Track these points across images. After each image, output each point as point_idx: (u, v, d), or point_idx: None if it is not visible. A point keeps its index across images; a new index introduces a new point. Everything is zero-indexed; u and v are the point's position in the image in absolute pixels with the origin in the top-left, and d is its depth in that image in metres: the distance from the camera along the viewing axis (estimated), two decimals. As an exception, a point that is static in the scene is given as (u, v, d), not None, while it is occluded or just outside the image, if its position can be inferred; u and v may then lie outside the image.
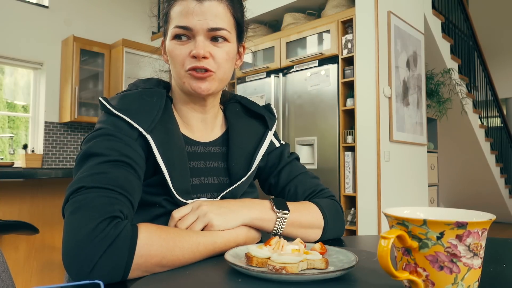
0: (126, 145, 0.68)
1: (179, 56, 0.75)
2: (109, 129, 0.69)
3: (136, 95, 0.76)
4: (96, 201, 0.58)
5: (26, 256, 2.02)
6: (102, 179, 0.61)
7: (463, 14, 5.26)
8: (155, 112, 0.74)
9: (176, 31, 0.75)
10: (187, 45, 0.75)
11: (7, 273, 0.68)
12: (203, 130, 0.85)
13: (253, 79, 3.76)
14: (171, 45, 0.76)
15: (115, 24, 5.32)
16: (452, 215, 0.50)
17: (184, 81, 0.76)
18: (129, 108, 0.72)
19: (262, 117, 0.91)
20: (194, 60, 0.74)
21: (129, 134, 0.70)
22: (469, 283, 0.43)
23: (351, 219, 3.04)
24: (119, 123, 0.71)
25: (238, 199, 0.79)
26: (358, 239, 0.90)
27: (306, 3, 3.59)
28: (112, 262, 0.54)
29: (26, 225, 1.70)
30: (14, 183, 2.01)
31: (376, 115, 2.91)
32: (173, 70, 0.78)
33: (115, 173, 0.63)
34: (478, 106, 5.55)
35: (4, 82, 4.74)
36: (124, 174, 0.64)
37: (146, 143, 0.72)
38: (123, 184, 0.63)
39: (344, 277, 0.54)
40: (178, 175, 0.73)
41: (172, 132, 0.76)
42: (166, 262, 0.58)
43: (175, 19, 0.75)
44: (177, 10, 0.75)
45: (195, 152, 0.81)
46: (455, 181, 5.98)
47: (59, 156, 4.81)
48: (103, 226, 0.55)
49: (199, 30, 0.74)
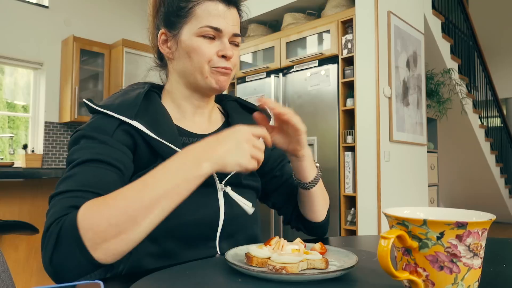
0: (101, 142, 0.70)
1: (207, 53, 0.79)
2: (84, 132, 0.71)
3: (120, 91, 0.81)
4: (57, 206, 0.60)
5: (26, 256, 2.02)
6: (68, 183, 0.64)
7: (463, 14, 5.26)
8: (138, 100, 0.77)
9: (207, 30, 0.79)
10: (214, 44, 0.80)
11: (7, 273, 0.68)
12: (201, 123, 0.87)
13: (253, 79, 3.76)
14: (197, 41, 0.79)
15: (115, 24, 5.32)
16: (452, 215, 0.50)
17: (208, 76, 0.80)
18: (112, 103, 0.75)
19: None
20: (222, 60, 0.80)
21: (108, 130, 0.72)
22: (469, 283, 0.43)
23: (351, 219, 3.04)
24: (100, 121, 0.73)
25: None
26: (358, 239, 0.90)
27: (306, 3, 3.59)
28: (66, 253, 0.56)
29: (26, 225, 1.70)
30: (14, 183, 2.01)
31: (376, 115, 2.91)
32: (192, 64, 0.80)
33: (82, 173, 0.65)
34: (478, 106, 5.55)
35: (4, 82, 4.74)
36: (92, 171, 0.65)
37: (133, 132, 0.74)
38: (89, 181, 0.64)
39: (344, 277, 0.54)
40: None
41: (160, 116, 0.79)
42: (117, 221, 0.56)
43: (203, 18, 0.79)
44: (205, 10, 0.79)
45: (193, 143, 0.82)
46: (455, 181, 5.98)
47: (59, 156, 4.81)
48: (51, 228, 0.58)
49: (226, 33, 0.80)
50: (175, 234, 0.72)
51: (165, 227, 0.71)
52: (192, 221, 0.74)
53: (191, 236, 0.74)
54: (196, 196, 0.76)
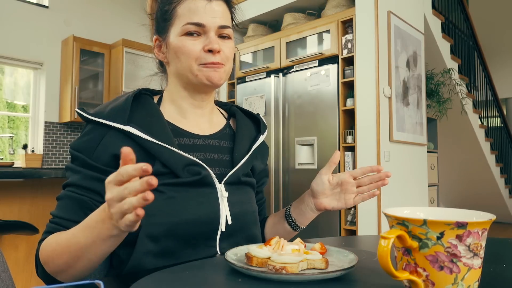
0: (82, 165, 0.74)
1: (192, 51, 0.78)
2: (72, 150, 0.75)
3: (112, 100, 0.81)
4: (45, 229, 0.73)
5: (26, 256, 2.02)
6: (58, 206, 0.74)
7: (463, 14, 5.26)
8: (128, 104, 0.77)
9: (189, 27, 0.78)
10: (199, 41, 0.78)
11: (7, 273, 0.68)
12: (201, 124, 0.87)
13: (253, 79, 3.76)
14: (181, 40, 0.78)
15: (115, 24, 5.32)
16: (452, 215, 0.50)
17: (197, 74, 0.79)
18: (103, 111, 0.76)
19: (258, 121, 0.97)
20: (209, 55, 0.78)
21: (89, 149, 0.74)
22: (469, 283, 0.43)
23: (351, 219, 3.04)
24: (86, 137, 0.75)
25: None
26: (358, 239, 0.90)
27: (306, 3, 3.59)
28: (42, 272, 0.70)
29: (26, 225, 1.70)
30: (14, 183, 2.01)
31: (376, 115, 2.91)
32: (181, 65, 0.80)
33: (65, 198, 0.73)
34: (478, 106, 5.55)
35: (4, 82, 4.74)
36: (71, 198, 0.73)
37: (124, 137, 0.74)
38: (67, 208, 0.73)
39: (344, 277, 0.54)
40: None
41: (152, 117, 0.79)
42: (58, 263, 0.66)
43: (184, 17, 0.78)
44: (186, 8, 0.79)
45: (194, 144, 0.83)
46: (455, 181, 5.98)
47: (59, 156, 4.81)
48: (37, 247, 0.72)
49: (211, 27, 0.78)
50: (176, 233, 0.72)
51: (165, 226, 0.71)
52: (193, 220, 0.74)
53: (191, 235, 0.74)
54: (196, 196, 0.76)
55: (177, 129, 0.82)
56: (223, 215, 0.78)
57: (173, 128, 0.82)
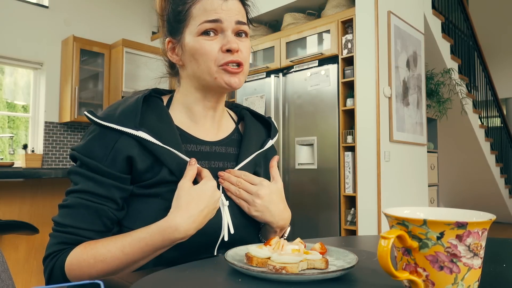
0: (92, 171, 0.72)
1: (210, 51, 0.75)
2: (79, 155, 0.73)
3: (120, 101, 0.79)
4: (53, 240, 0.71)
5: (26, 256, 2.02)
6: (65, 214, 0.71)
7: (463, 14, 5.26)
8: (138, 106, 0.75)
9: (206, 25, 0.75)
10: (216, 40, 0.76)
11: (7, 273, 0.68)
12: (211, 128, 0.85)
13: (253, 79, 3.76)
14: (198, 41, 0.76)
15: (115, 24, 5.32)
16: (452, 215, 0.50)
17: (216, 76, 0.76)
18: (113, 114, 0.74)
19: (269, 125, 0.95)
20: (227, 55, 0.75)
21: (100, 155, 0.72)
22: (469, 283, 0.43)
23: (351, 219, 3.04)
24: (95, 142, 0.73)
25: None
26: (358, 239, 0.90)
27: (306, 3, 3.59)
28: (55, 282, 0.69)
29: (26, 225, 1.70)
30: (14, 183, 2.01)
31: (376, 115, 2.91)
32: (199, 67, 0.77)
33: (76, 206, 0.71)
34: (478, 106, 5.55)
35: (4, 82, 4.74)
36: (82, 206, 0.71)
37: (134, 142, 0.73)
38: (78, 217, 0.71)
39: (344, 277, 0.54)
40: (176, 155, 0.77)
41: (162, 122, 0.78)
42: (97, 276, 0.67)
43: (200, 16, 0.76)
44: (201, 8, 0.76)
45: (201, 151, 0.81)
46: (455, 181, 5.98)
47: (59, 156, 4.81)
48: (47, 261, 0.70)
49: (228, 23, 0.76)
50: (177, 243, 0.71)
51: None
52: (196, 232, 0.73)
53: (192, 244, 0.73)
54: None
55: (185, 134, 0.81)
56: (225, 224, 0.76)
57: (181, 133, 0.80)
